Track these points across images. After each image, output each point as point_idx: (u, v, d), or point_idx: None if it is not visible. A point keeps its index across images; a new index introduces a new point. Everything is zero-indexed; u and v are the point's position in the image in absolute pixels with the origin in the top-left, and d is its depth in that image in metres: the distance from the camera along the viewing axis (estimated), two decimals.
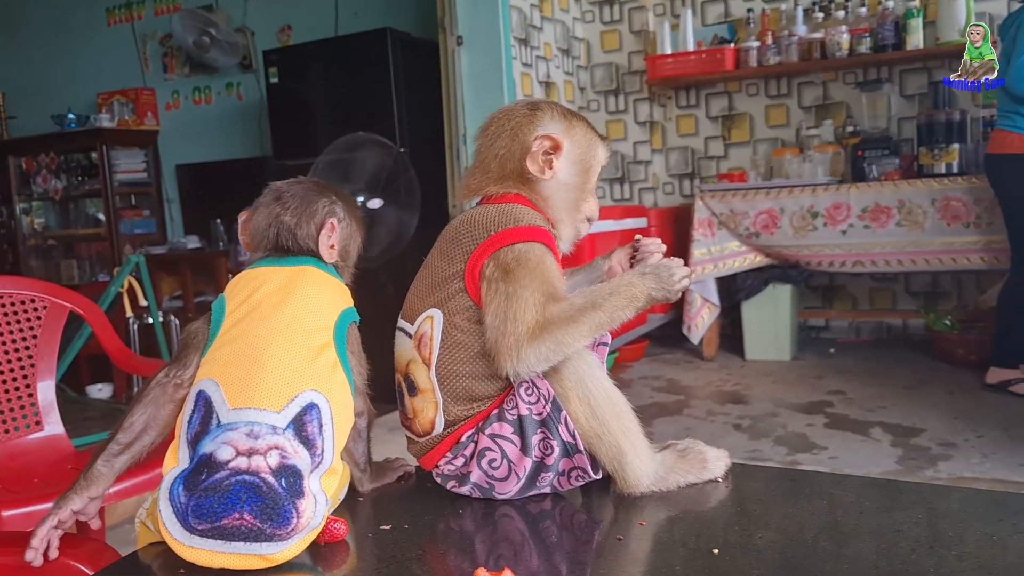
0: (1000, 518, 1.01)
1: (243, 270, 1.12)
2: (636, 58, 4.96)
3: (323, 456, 0.99)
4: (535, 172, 1.13)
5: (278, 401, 0.97)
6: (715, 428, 3.20)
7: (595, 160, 1.18)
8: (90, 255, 5.80)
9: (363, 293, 4.02)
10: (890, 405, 3.35)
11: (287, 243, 1.13)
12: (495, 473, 1.10)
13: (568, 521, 1.09)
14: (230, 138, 5.47)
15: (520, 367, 1.02)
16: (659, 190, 5.03)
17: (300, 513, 0.95)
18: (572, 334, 1.02)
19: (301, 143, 4.22)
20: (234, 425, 0.95)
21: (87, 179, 5.57)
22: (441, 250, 1.15)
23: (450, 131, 4.19)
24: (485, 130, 1.18)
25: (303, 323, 1.06)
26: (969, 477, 2.52)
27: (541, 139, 1.13)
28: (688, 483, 1.12)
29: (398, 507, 1.13)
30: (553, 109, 1.17)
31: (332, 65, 4.29)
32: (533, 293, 1.03)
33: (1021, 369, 3.41)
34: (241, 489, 0.93)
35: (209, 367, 1.00)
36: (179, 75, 5.63)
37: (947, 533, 0.98)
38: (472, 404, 1.11)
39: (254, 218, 1.16)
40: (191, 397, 0.99)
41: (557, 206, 1.16)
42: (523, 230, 1.08)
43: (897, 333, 4.62)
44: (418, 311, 1.14)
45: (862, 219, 3.93)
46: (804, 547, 0.96)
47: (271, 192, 1.17)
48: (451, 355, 1.10)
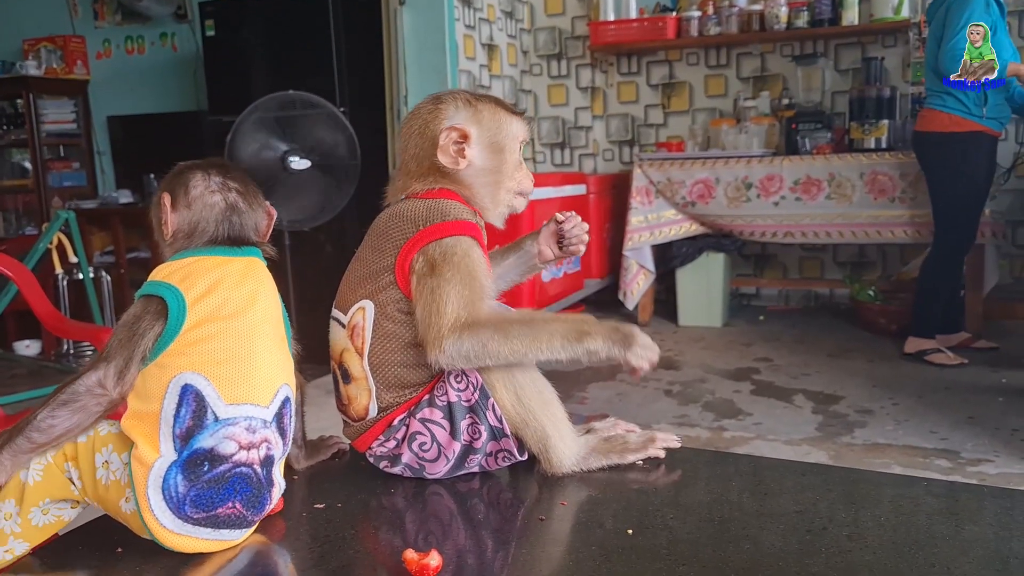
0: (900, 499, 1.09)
1: (182, 256, 1.09)
2: (579, 23, 4.96)
3: (288, 444, 1.05)
4: (448, 164, 1.16)
5: (267, 396, 1.01)
6: (646, 394, 3.29)
7: (508, 138, 1.20)
8: (16, 207, 5.61)
9: (303, 253, 3.94)
10: (813, 372, 3.49)
11: (240, 232, 1.11)
12: (425, 455, 1.15)
13: (495, 500, 1.14)
14: (164, 90, 5.32)
15: (442, 359, 1.07)
16: (599, 156, 5.08)
17: (272, 499, 1.02)
18: (497, 342, 1.05)
19: (238, 98, 4.12)
20: (234, 420, 0.98)
21: (12, 128, 5.37)
22: (371, 244, 1.18)
23: (391, 91, 4.15)
24: (401, 134, 1.22)
25: (273, 317, 1.08)
26: (883, 444, 2.66)
27: (447, 131, 1.16)
28: (610, 465, 1.18)
29: (332, 486, 1.17)
30: (456, 99, 1.19)
31: (271, 20, 4.20)
32: (456, 287, 1.07)
33: (937, 340, 3.57)
34: (237, 480, 0.97)
35: (188, 360, 0.99)
36: (110, 23, 5.43)
37: (841, 515, 1.05)
38: (403, 391, 1.15)
39: (194, 205, 1.11)
40: (171, 390, 0.97)
41: (480, 192, 1.19)
42: (449, 224, 1.12)
43: (824, 301, 4.79)
44: (351, 302, 1.17)
45: (794, 191, 4.05)
46: (713, 527, 1.02)
47: (207, 181, 1.12)
48: (382, 345, 1.14)
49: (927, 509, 1.06)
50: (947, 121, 3.39)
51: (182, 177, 1.13)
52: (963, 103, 3.36)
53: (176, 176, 1.14)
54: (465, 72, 4.27)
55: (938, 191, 3.52)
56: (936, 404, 3.01)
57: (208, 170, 1.14)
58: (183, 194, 1.12)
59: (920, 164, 3.62)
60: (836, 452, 2.59)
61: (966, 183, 3.43)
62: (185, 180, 1.13)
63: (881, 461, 2.50)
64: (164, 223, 1.12)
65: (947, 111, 3.39)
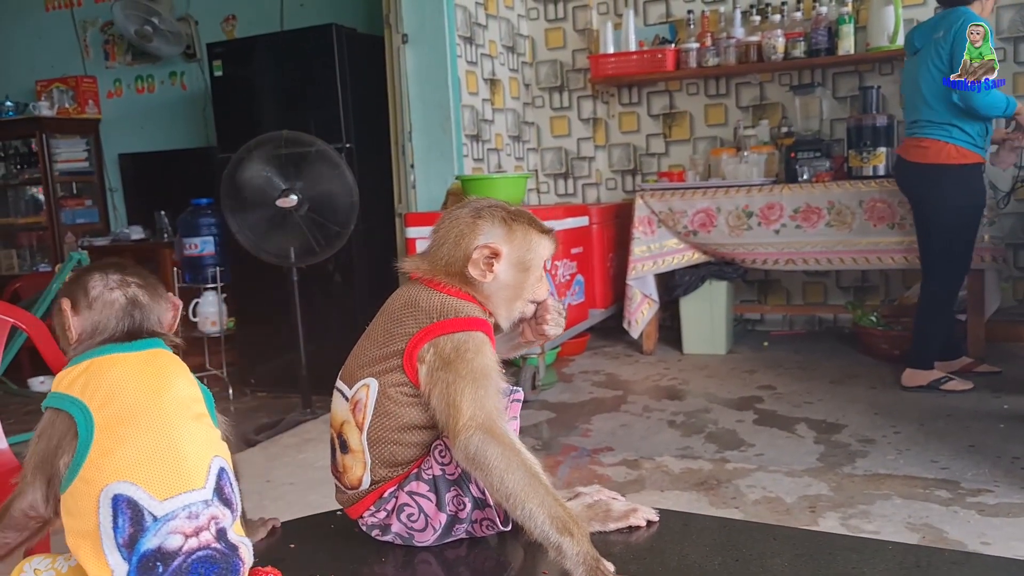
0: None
1: (80, 359, 1.09)
2: (580, 56, 5.04)
3: (237, 509, 1.07)
4: (477, 276, 1.22)
5: (200, 478, 1.02)
6: (650, 424, 3.33)
7: (536, 258, 1.27)
8: (30, 244, 5.73)
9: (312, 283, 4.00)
10: (816, 400, 3.51)
11: (140, 325, 1.13)
12: (414, 526, 1.21)
13: (480, 567, 1.20)
14: (174, 128, 5.43)
15: (455, 452, 1.13)
16: (602, 185, 5.14)
17: (243, 560, 1.04)
18: (498, 465, 1.09)
19: (246, 135, 4.20)
20: (173, 514, 0.99)
21: (26, 167, 5.50)
22: (383, 326, 1.24)
23: (396, 128, 4.23)
24: (435, 232, 1.28)
25: (183, 398, 1.09)
26: (883, 474, 2.68)
27: (481, 248, 1.22)
28: (591, 532, 1.23)
29: (324, 555, 1.22)
30: (494, 216, 1.25)
31: (277, 60, 4.29)
32: (469, 384, 1.13)
33: (938, 367, 3.57)
34: (199, 565, 0.99)
35: (111, 469, 1.00)
36: (121, 63, 5.56)
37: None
38: (396, 468, 1.22)
39: (94, 305, 1.12)
40: (103, 504, 0.98)
41: (498, 302, 1.26)
42: (462, 320, 1.19)
43: (828, 326, 4.82)
44: (357, 378, 1.23)
45: (794, 219, 4.09)
46: None
47: (105, 280, 1.14)
48: (381, 422, 1.20)
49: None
50: (955, 153, 3.33)
51: (80, 281, 1.15)
52: (970, 135, 3.32)
53: (74, 281, 1.15)
54: (468, 107, 4.34)
55: (936, 223, 3.44)
56: (937, 432, 3.03)
57: (105, 270, 1.16)
58: (83, 296, 1.13)
59: (912, 195, 3.56)
60: (837, 483, 2.62)
61: (971, 214, 3.39)
62: (84, 283, 1.14)
63: (881, 492, 2.52)
64: (67, 328, 1.13)
65: (954, 143, 3.33)
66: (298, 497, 2.67)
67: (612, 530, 1.26)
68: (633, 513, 1.27)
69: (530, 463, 1.12)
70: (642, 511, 1.28)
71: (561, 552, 1.06)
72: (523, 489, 1.09)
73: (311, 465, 3.04)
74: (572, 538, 1.07)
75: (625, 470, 2.83)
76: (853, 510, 2.40)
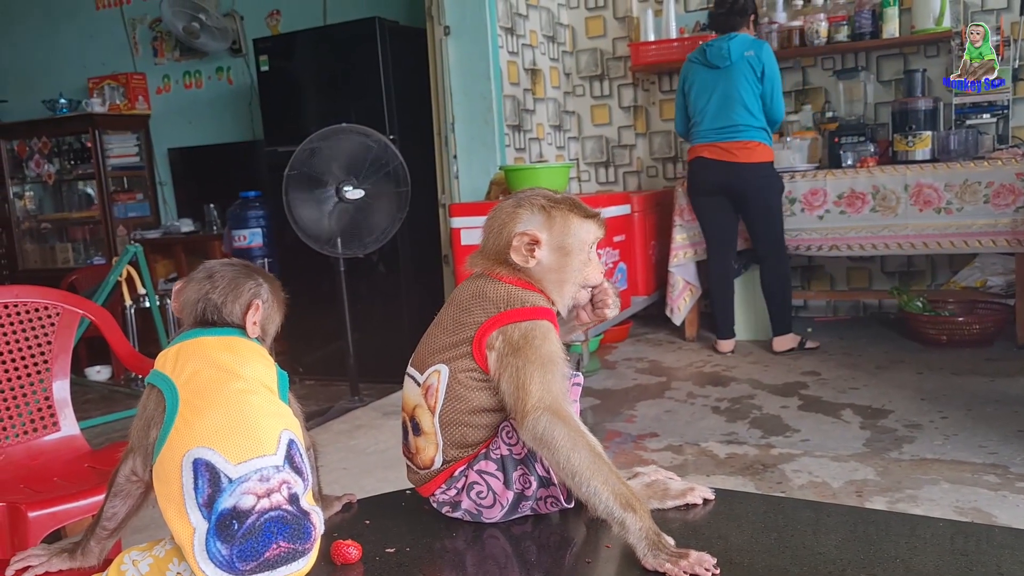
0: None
1: (172, 343, 1.24)
2: (620, 44, 5.04)
3: (308, 478, 1.16)
4: (520, 262, 1.28)
5: (271, 445, 1.12)
6: (694, 410, 3.36)
7: (576, 241, 1.30)
8: (84, 238, 5.90)
9: (357, 273, 4.11)
10: (861, 386, 3.51)
11: (212, 318, 1.26)
12: (482, 503, 1.27)
13: (545, 543, 1.25)
14: (221, 122, 5.55)
15: (523, 432, 1.19)
16: (643, 173, 5.15)
17: (315, 525, 1.13)
18: (564, 444, 1.15)
19: (292, 129, 4.30)
20: (245, 477, 1.09)
21: (79, 163, 5.66)
22: (452, 315, 1.31)
23: (439, 119, 4.29)
24: (486, 223, 1.35)
25: (258, 377, 1.21)
26: (931, 459, 2.68)
27: (520, 235, 1.28)
28: (650, 509, 1.27)
29: (400, 531, 1.29)
30: (534, 204, 1.30)
31: (321, 54, 4.37)
32: (537, 369, 1.20)
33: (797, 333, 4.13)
34: (271, 524, 1.08)
35: (192, 437, 1.11)
36: (169, 59, 5.68)
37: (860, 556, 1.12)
38: (466, 448, 1.29)
39: (185, 291, 1.28)
40: (185, 468, 1.09)
41: (548, 286, 1.31)
42: (528, 310, 1.25)
43: (873, 311, 4.79)
44: (428, 364, 1.30)
45: (838, 205, 4.08)
46: (742, 570, 1.11)
47: (204, 270, 1.29)
48: (452, 406, 1.27)
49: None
50: (770, 153, 3.99)
51: (191, 274, 1.32)
52: (768, 135, 4.02)
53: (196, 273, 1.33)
54: (509, 97, 4.38)
55: (774, 214, 4.04)
56: (985, 417, 3.02)
57: (208, 263, 1.32)
58: (187, 281, 1.30)
59: (745, 193, 3.98)
60: (884, 468, 2.62)
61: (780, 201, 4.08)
62: (191, 275, 1.31)
63: (929, 477, 2.53)
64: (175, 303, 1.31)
65: (768, 144, 3.99)
66: (352, 481, 2.74)
67: (670, 507, 1.31)
68: (690, 492, 1.32)
69: (593, 443, 1.18)
70: (699, 490, 1.33)
71: (624, 527, 1.12)
72: (588, 468, 1.14)
73: (363, 451, 3.12)
74: (635, 514, 1.12)
75: (671, 455, 2.86)
76: (900, 494, 2.41)
